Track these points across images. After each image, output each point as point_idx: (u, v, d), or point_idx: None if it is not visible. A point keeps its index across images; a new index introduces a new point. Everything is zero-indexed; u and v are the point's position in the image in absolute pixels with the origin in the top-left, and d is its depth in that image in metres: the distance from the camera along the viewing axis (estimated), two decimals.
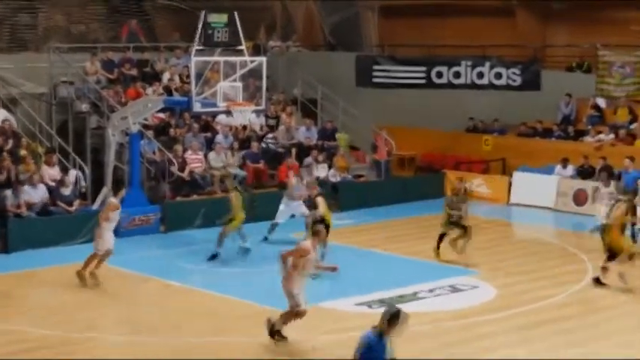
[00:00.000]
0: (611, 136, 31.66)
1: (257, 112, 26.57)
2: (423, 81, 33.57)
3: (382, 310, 11.56)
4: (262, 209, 25.19)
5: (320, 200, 21.60)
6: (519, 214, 29.79)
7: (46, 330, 16.30)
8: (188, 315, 17.44)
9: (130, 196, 24.05)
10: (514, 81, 32.93)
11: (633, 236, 22.89)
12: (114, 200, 20.00)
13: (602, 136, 31.72)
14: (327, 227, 19.67)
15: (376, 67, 33.78)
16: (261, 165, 29.14)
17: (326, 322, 16.76)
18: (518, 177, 31.11)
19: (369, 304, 17.82)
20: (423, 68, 33.49)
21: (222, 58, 23.62)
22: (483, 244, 23.23)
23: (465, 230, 22.11)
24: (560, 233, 27.21)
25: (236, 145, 29.30)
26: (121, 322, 17.26)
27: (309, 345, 15.49)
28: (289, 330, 15.49)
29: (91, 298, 18.54)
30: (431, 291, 19.15)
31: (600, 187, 24.43)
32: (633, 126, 32.06)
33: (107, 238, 19.43)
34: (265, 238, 23.88)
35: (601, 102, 33.62)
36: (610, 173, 25.15)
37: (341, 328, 16.20)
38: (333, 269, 16.00)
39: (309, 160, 29.75)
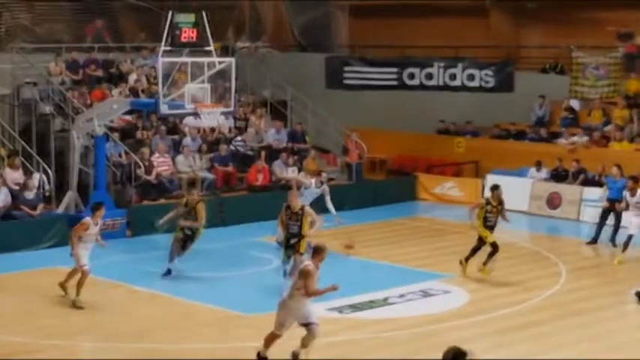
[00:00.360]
0: (585, 138, 31.85)
1: (226, 114, 26.53)
2: (394, 82, 33.63)
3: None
4: (231, 213, 25.18)
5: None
6: None
7: (10, 337, 16.24)
8: (155, 321, 17.43)
9: (96, 199, 23.98)
10: (487, 82, 33.02)
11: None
12: (87, 220, 18.42)
13: (576, 138, 31.91)
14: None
15: (347, 68, 33.82)
16: (230, 168, 29.13)
17: (298, 327, 16.79)
18: (491, 180, 31.19)
19: (340, 310, 17.87)
20: (395, 69, 33.55)
21: (189, 59, 23.59)
22: (456, 248, 23.30)
23: (495, 248, 21.12)
24: (533, 237, 27.38)
25: (204, 147, 29.30)
26: (87, 329, 17.22)
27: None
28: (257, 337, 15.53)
29: (56, 305, 18.45)
30: (402, 296, 19.18)
31: (627, 196, 23.97)
32: (607, 128, 32.28)
33: (80, 256, 18.20)
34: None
35: (575, 104, 33.81)
36: (636, 180, 25.01)
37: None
38: (334, 289, 14.54)
39: (277, 162, 29.80)
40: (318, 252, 14.49)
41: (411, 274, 21.11)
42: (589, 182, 29.70)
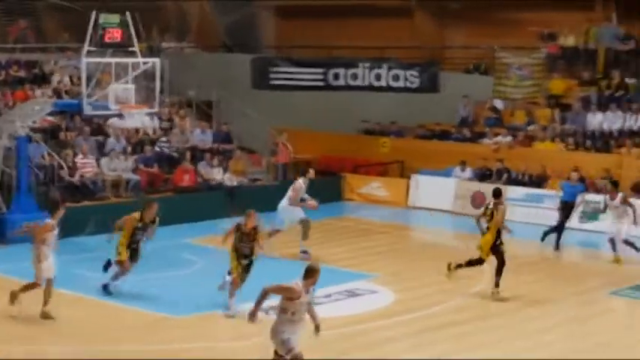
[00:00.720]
0: (509, 138, 32.27)
1: (150, 115, 26.46)
2: (320, 83, 33.64)
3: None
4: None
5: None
6: (418, 217, 30.22)
7: None
8: (82, 324, 17.29)
9: (18, 202, 23.76)
10: (412, 83, 33.20)
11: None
12: (50, 221, 18.05)
13: (499, 138, 32.31)
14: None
15: (273, 68, 33.78)
16: (155, 169, 29.00)
17: (226, 329, 16.82)
18: (416, 180, 31.53)
19: (266, 311, 17.81)
20: (321, 70, 33.58)
21: (114, 60, 23.48)
22: (382, 248, 23.47)
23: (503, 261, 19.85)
24: (458, 236, 27.65)
25: (129, 148, 29.14)
26: (14, 334, 17.03)
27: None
28: (193, 338, 15.51)
29: None
30: (328, 296, 19.21)
31: (607, 199, 24.27)
32: (531, 128, 32.72)
33: (46, 265, 17.53)
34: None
35: (499, 104, 34.25)
36: (616, 185, 25.29)
37: (241, 334, 16.26)
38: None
39: (202, 163, 29.76)
40: (310, 274, 12.96)
41: (338, 275, 21.14)
42: (513, 181, 30.14)
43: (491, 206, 19.85)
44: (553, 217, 26.09)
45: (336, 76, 33.46)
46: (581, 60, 34.42)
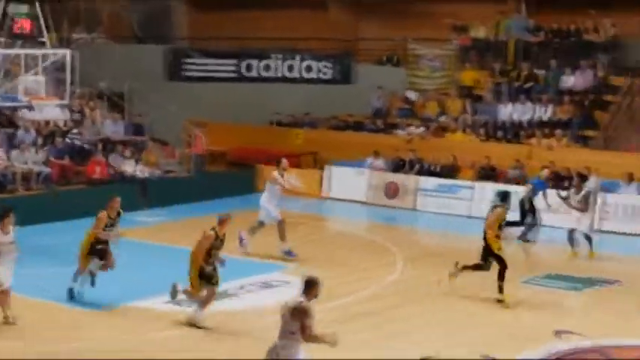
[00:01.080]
0: (422, 129, 32.52)
1: (61, 107, 26.15)
2: (233, 74, 33.63)
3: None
4: (68, 207, 24.79)
5: None
6: (332, 207, 30.32)
7: None
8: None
9: None
10: (325, 74, 33.38)
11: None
12: None
13: (412, 129, 32.55)
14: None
15: (186, 60, 33.65)
16: (66, 161, 28.64)
17: (140, 321, 16.67)
18: (330, 171, 31.62)
19: (179, 302, 17.79)
20: (233, 61, 33.56)
21: (23, 51, 23.18)
22: (296, 239, 23.47)
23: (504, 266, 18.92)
24: (371, 226, 27.81)
25: (39, 140, 28.75)
26: None
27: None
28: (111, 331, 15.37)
29: None
30: (241, 288, 19.22)
31: (572, 192, 24.01)
32: (443, 119, 33.02)
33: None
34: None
35: (411, 95, 34.49)
36: (583, 178, 25.37)
37: (156, 327, 16.19)
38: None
39: (114, 155, 29.48)
40: (311, 287, 11.83)
41: (252, 266, 21.15)
42: (425, 172, 30.41)
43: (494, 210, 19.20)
44: (464, 207, 26.38)
45: (249, 68, 33.47)
46: (492, 52, 34.85)
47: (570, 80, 32.59)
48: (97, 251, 17.99)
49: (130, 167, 29.22)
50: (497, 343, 15.75)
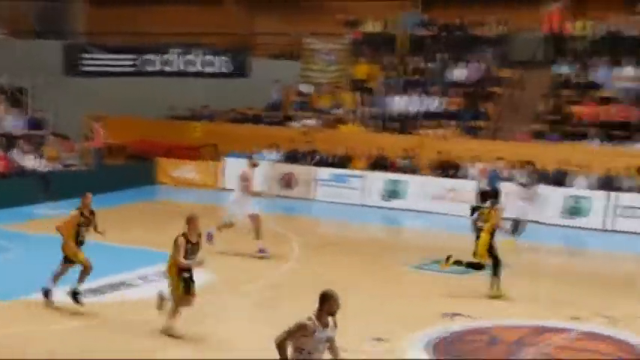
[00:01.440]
0: (317, 121, 32.73)
1: None
2: (133, 69, 33.41)
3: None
4: None
5: None
6: (229, 199, 30.32)
7: None
8: None
9: None
10: (223, 68, 33.36)
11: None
12: None
13: (308, 121, 32.73)
14: None
15: (85, 55, 33.30)
16: None
17: (43, 314, 16.51)
18: (228, 163, 31.61)
19: (83, 294, 17.58)
20: (133, 56, 33.33)
21: None
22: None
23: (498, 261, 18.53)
24: (269, 216, 27.89)
25: None
26: None
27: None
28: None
29: None
30: (142, 278, 19.11)
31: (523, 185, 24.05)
32: (337, 111, 33.26)
33: None
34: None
35: (307, 88, 34.66)
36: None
37: (56, 320, 16.06)
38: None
39: (15, 149, 29.09)
40: (325, 301, 10.60)
41: (153, 256, 20.96)
42: (320, 163, 30.63)
43: (487, 206, 18.96)
44: (356, 196, 26.68)
45: (148, 62, 33.28)
46: (384, 46, 35.18)
47: (459, 73, 33.12)
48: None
49: (30, 162, 28.86)
50: (388, 327, 15.93)
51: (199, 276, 19.39)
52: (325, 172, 29.98)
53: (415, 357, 14.50)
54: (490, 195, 19.45)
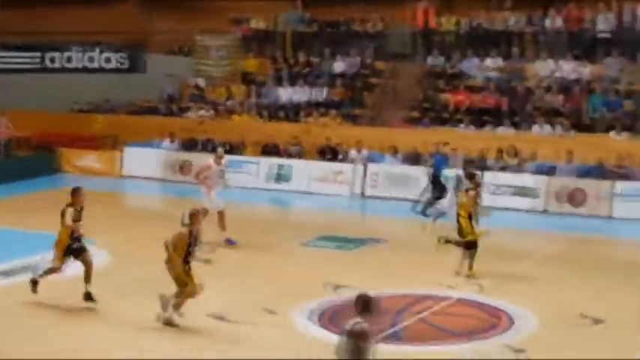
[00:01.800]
0: (211, 112, 32.57)
1: None
2: (37, 66, 33.02)
3: None
4: None
5: None
6: (131, 185, 29.96)
7: None
8: None
9: None
10: (122, 64, 33.18)
11: None
12: None
13: (202, 112, 32.54)
14: None
15: None
16: None
17: None
18: (128, 152, 31.23)
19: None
20: (38, 54, 32.93)
21: None
22: (96, 217, 22.90)
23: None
24: (166, 201, 27.60)
25: None
26: None
27: None
28: None
29: None
30: (44, 261, 18.57)
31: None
32: (229, 102, 33.12)
33: None
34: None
35: (201, 82, 34.53)
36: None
37: None
38: None
39: None
40: (367, 306, 9.39)
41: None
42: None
43: (463, 188, 18.28)
44: (249, 180, 26.60)
45: (52, 60, 32.91)
46: (272, 41, 35.22)
47: (341, 66, 33.21)
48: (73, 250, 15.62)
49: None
50: (278, 300, 15.82)
51: (103, 258, 19.09)
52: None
53: (302, 327, 14.38)
54: (471, 175, 18.33)
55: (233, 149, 30.28)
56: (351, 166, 28.08)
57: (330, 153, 29.17)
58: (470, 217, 17.72)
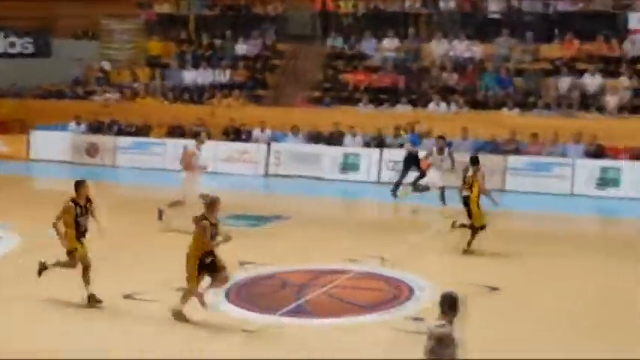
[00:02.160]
0: (117, 94, 32.19)
1: None
2: None
3: None
4: None
5: None
6: (39, 169, 29.44)
7: None
8: None
9: None
10: (27, 49, 32.73)
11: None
12: None
13: (108, 95, 32.15)
14: None
15: None
16: None
17: None
18: (36, 135, 30.68)
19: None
20: None
21: None
22: (8, 198, 22.53)
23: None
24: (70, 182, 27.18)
25: None
26: None
27: None
28: None
29: None
30: None
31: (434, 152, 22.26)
32: (135, 85, 32.79)
33: None
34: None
35: (106, 65, 34.08)
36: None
37: None
38: None
39: None
40: (453, 304, 9.11)
41: None
42: (122, 132, 30.16)
43: (470, 174, 17.77)
44: (157, 162, 26.26)
45: None
46: (176, 24, 34.89)
47: (243, 48, 33.05)
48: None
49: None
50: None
51: (11, 241, 18.71)
52: (127, 141, 29.34)
53: (211, 302, 14.26)
54: (474, 161, 17.97)
55: (139, 131, 30.03)
56: (255, 145, 27.97)
57: (234, 133, 29.05)
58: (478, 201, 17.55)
